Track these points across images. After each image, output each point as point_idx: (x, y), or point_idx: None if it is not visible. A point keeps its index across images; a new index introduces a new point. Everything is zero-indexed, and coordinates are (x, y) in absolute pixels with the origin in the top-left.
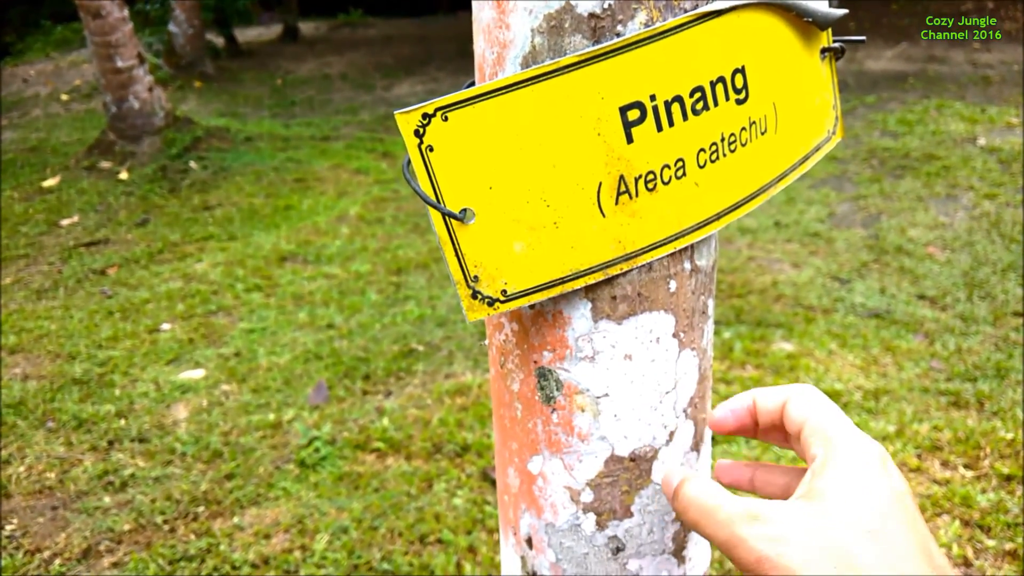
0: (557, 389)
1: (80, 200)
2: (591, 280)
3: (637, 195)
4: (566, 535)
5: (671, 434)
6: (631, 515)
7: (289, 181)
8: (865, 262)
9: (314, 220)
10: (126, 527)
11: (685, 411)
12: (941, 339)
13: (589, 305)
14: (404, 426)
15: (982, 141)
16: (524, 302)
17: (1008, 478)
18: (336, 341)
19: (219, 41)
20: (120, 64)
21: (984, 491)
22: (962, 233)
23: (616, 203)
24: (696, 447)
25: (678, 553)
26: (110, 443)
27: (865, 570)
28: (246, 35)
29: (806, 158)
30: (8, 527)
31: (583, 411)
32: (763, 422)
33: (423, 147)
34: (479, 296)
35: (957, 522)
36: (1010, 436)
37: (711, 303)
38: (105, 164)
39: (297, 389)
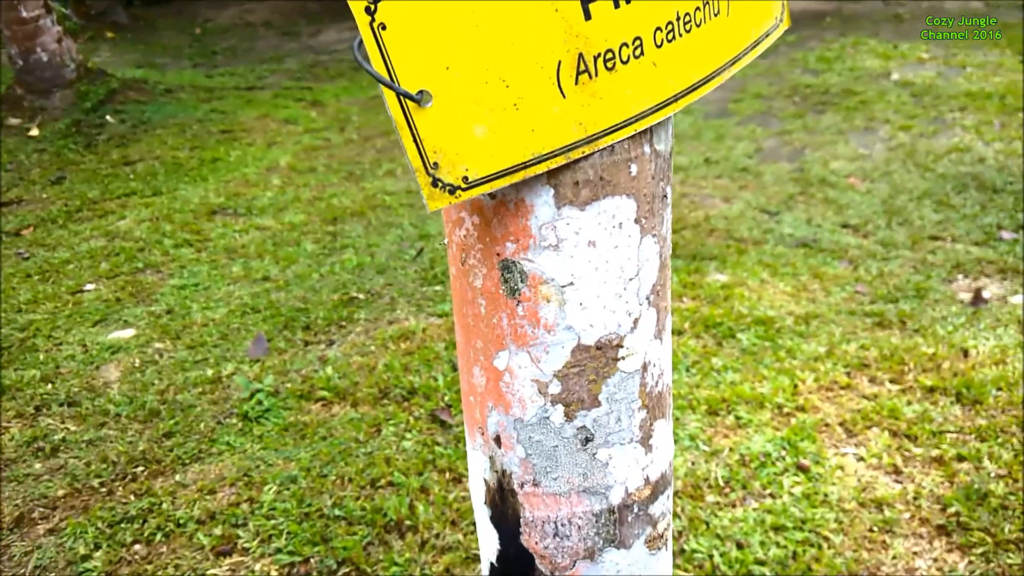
0: (522, 281)
1: None
2: (553, 164)
3: (596, 75)
4: (535, 429)
5: (635, 321)
6: (599, 404)
7: (215, 133)
8: (792, 194)
9: (243, 172)
10: (60, 493)
11: (648, 299)
12: (864, 264)
13: (552, 191)
14: (348, 374)
15: (896, 76)
16: (486, 189)
17: (931, 390)
18: (273, 293)
19: None
20: (25, 14)
21: (910, 403)
22: (880, 164)
23: (576, 83)
24: (659, 335)
25: (645, 442)
26: (37, 409)
27: None
28: None
29: (757, 43)
30: None
31: (548, 302)
32: None
33: (375, 25)
34: (440, 184)
35: (886, 433)
36: (931, 351)
37: (670, 190)
38: (14, 121)
39: (235, 343)
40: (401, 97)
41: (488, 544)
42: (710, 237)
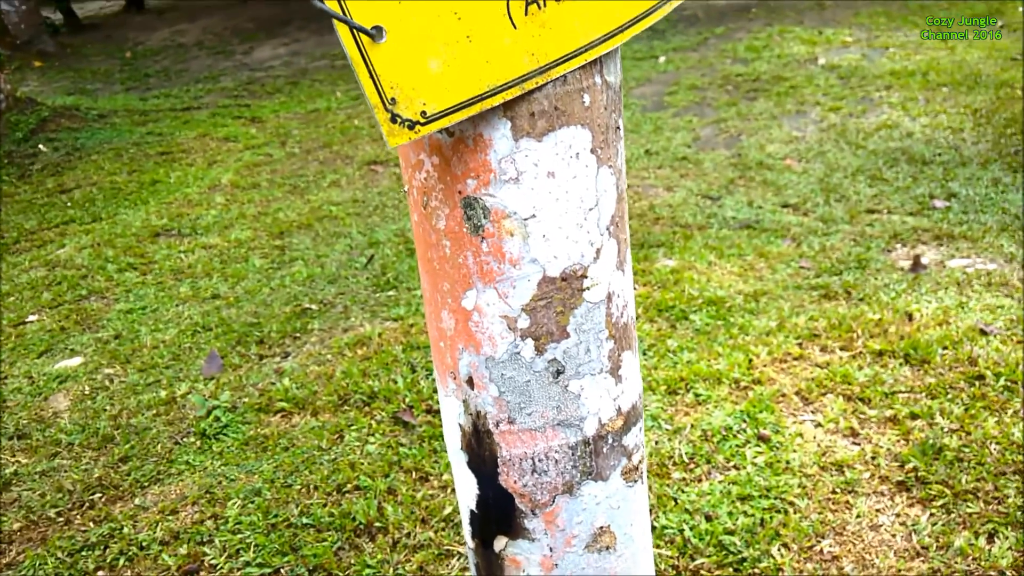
0: (485, 217)
1: None
2: (509, 96)
3: (545, 5)
4: (507, 366)
5: (598, 252)
6: (567, 336)
7: (153, 155)
8: (732, 179)
9: (185, 192)
10: (16, 526)
11: (608, 229)
12: (807, 241)
13: (509, 124)
14: (307, 383)
15: (822, 60)
16: (445, 123)
17: (880, 354)
18: (224, 310)
19: (57, 17)
20: None
21: (861, 368)
22: (814, 144)
23: (526, 14)
24: (621, 267)
25: (615, 372)
26: None
27: None
28: (86, 9)
29: None
30: None
31: (512, 235)
32: None
33: None
34: (398, 120)
35: (840, 398)
36: (877, 317)
37: (621, 122)
38: None
39: (188, 363)
40: (356, 32)
41: (466, 491)
42: (656, 225)
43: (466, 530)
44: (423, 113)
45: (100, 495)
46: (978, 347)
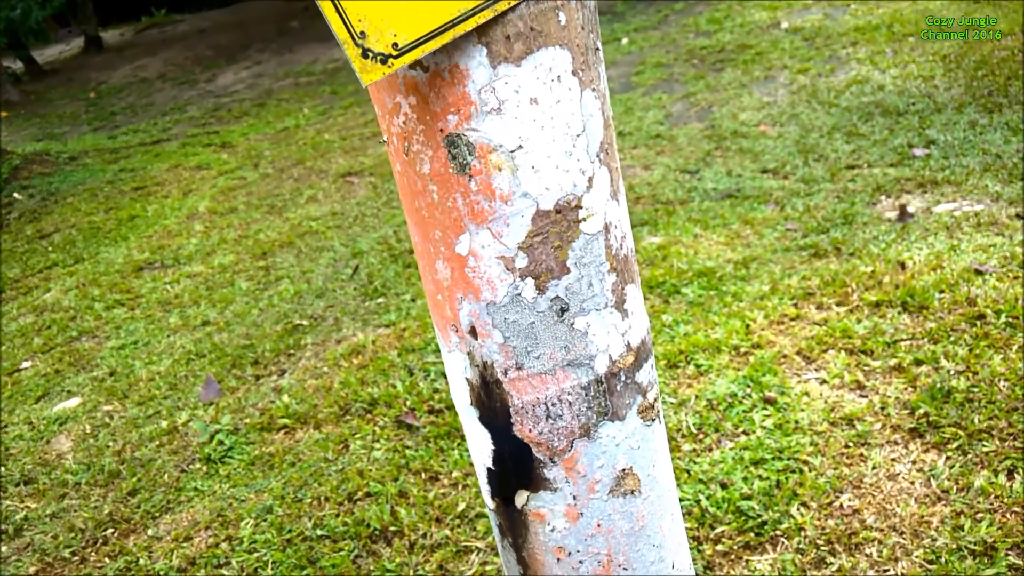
0: (470, 154)
1: None
2: (482, 19)
3: None
4: (509, 309)
5: (590, 180)
6: (568, 271)
7: (128, 191)
8: (708, 151)
9: (163, 224)
10: (31, 570)
11: (599, 156)
12: (790, 203)
13: (485, 51)
14: (306, 398)
15: (785, 24)
16: (418, 53)
17: (877, 304)
18: (215, 336)
19: (17, 66)
20: None
21: (859, 321)
22: (786, 108)
23: None
24: (615, 196)
25: (620, 307)
26: None
27: None
28: (46, 55)
29: None
30: None
31: (500, 170)
32: None
33: None
34: (370, 54)
35: (842, 353)
36: (870, 269)
37: (600, 44)
38: None
39: (185, 391)
40: None
41: (481, 448)
42: (637, 204)
43: (484, 490)
44: (395, 45)
45: (112, 530)
46: (975, 287)
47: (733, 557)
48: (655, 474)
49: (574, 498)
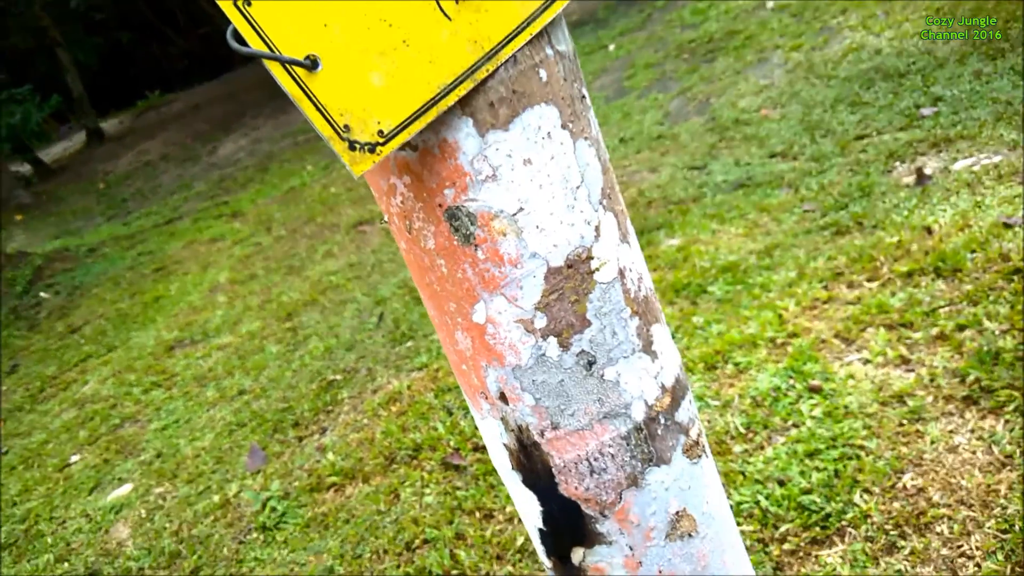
0: (472, 224)
1: None
2: (462, 91)
3: None
4: (536, 371)
5: (597, 229)
6: (589, 323)
7: (149, 274)
8: (713, 144)
9: (188, 301)
10: None
11: (601, 203)
12: (804, 184)
13: (471, 121)
14: (350, 453)
15: (771, 4)
16: (404, 137)
17: (909, 274)
18: (253, 403)
19: (26, 168)
20: None
21: (894, 294)
22: (785, 88)
23: (457, 2)
24: (625, 239)
25: (648, 349)
26: None
27: None
28: (51, 153)
29: None
30: None
31: (505, 235)
32: None
33: (240, 4)
34: (357, 146)
35: (881, 329)
36: (896, 240)
37: (585, 91)
38: None
39: (231, 463)
40: (290, 68)
41: (529, 510)
42: (649, 208)
43: (539, 550)
44: (380, 132)
45: None
46: (1006, 242)
47: (801, 555)
48: (710, 511)
49: (631, 548)
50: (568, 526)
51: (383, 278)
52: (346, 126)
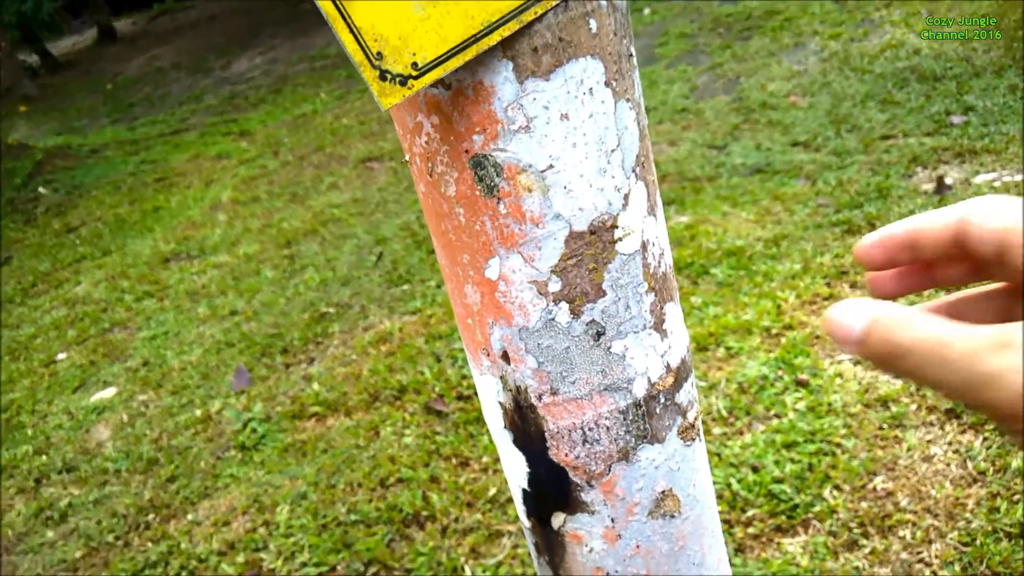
0: (497, 175)
1: None
2: (507, 31)
3: None
4: (542, 335)
5: (626, 197)
6: (604, 294)
7: (150, 183)
8: (736, 125)
9: (187, 215)
10: (78, 554)
11: (634, 171)
12: (822, 177)
13: (511, 65)
14: (336, 386)
15: None
16: (439, 72)
17: None
18: (244, 325)
19: (34, 59)
20: None
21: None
22: (817, 76)
23: None
24: (652, 211)
25: (659, 327)
26: (37, 481)
27: None
28: (60, 46)
29: None
30: None
31: (531, 192)
32: (931, 253)
33: None
34: (388, 76)
35: None
36: None
37: (633, 49)
38: None
39: (217, 380)
40: None
41: (515, 470)
42: (664, 183)
43: (520, 509)
44: (414, 65)
45: (154, 516)
46: None
47: (764, 540)
48: (695, 493)
49: (612, 520)
50: (553, 491)
51: (386, 218)
52: (379, 53)
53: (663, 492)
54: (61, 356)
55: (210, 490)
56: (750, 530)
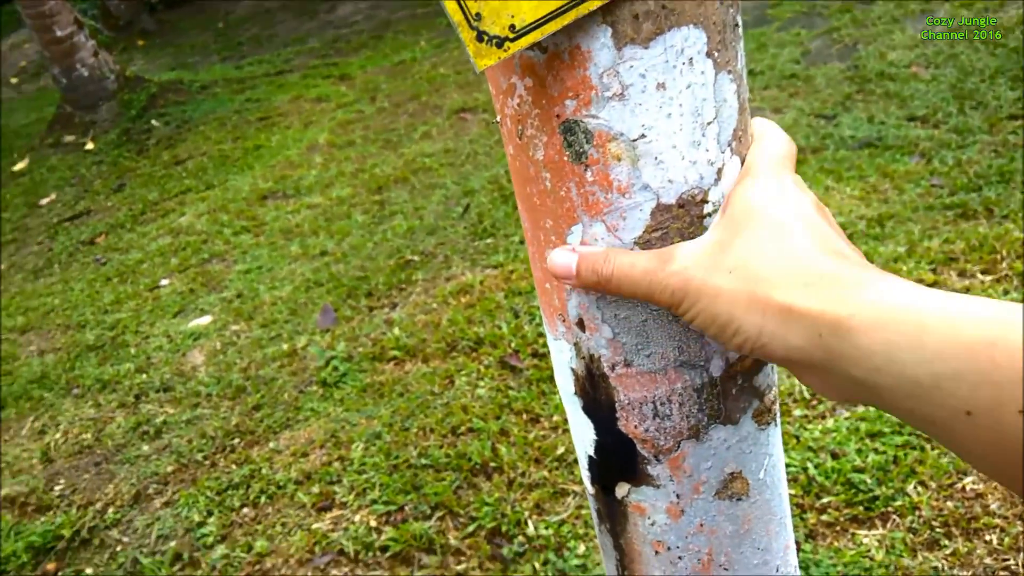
0: (587, 142)
1: (53, 177)
2: None
3: None
4: (621, 305)
5: (719, 172)
6: None
7: (253, 121)
8: (848, 94)
9: (286, 155)
10: (169, 469)
11: (730, 145)
12: (938, 156)
13: (609, 31)
14: (415, 332)
15: None
16: (537, 36)
17: None
18: (332, 266)
19: None
20: (60, 33)
21: (1006, 292)
22: (944, 47)
23: None
24: None
25: None
26: (136, 397)
27: (777, 260)
28: None
29: None
30: (57, 488)
31: (620, 161)
32: None
33: None
34: (485, 37)
35: None
36: None
37: (740, 18)
38: (69, 138)
39: (304, 317)
40: None
41: (582, 436)
42: None
43: (585, 475)
44: (512, 27)
45: (239, 440)
46: None
47: (838, 529)
48: (766, 478)
49: (677, 496)
50: (619, 461)
51: (475, 170)
52: (478, 14)
53: (732, 473)
54: (164, 282)
55: (291, 421)
56: (824, 517)
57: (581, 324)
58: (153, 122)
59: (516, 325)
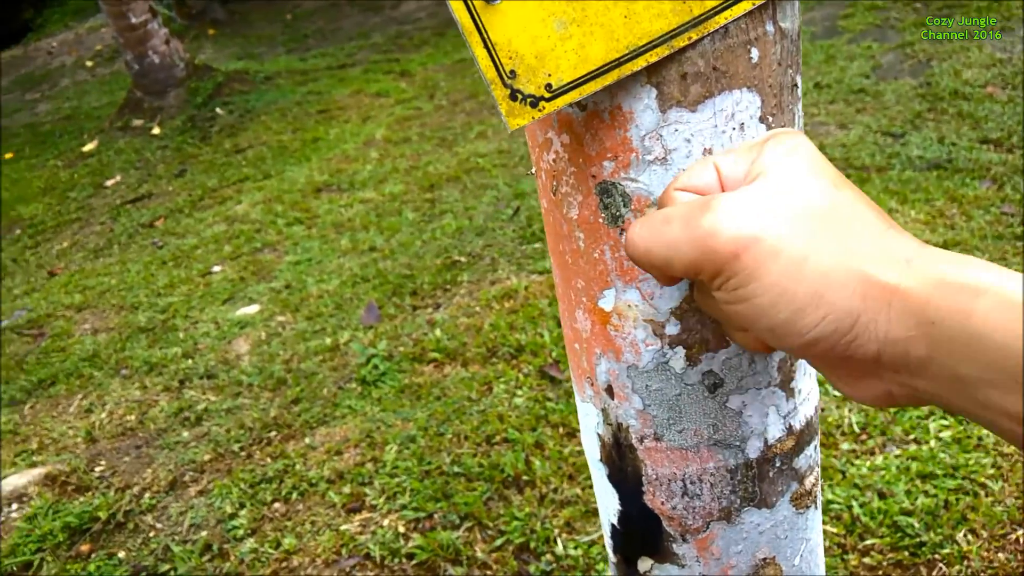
0: (624, 205)
1: (120, 160)
2: (654, 57)
3: None
4: (652, 376)
5: None
6: (727, 344)
7: (313, 114)
8: (919, 112)
9: (342, 148)
10: (206, 457)
11: None
12: (1011, 182)
13: (654, 92)
14: (457, 335)
15: None
16: (574, 96)
17: None
18: (380, 262)
19: None
20: (134, 20)
21: None
22: (1022, 67)
23: None
24: None
25: (785, 385)
26: (181, 382)
27: (825, 220)
28: None
29: None
30: (97, 469)
31: None
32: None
33: None
34: (519, 96)
35: None
36: None
37: (800, 79)
38: (137, 122)
39: (349, 312)
40: None
41: (607, 503)
42: None
43: (607, 543)
44: (548, 86)
45: (276, 433)
46: None
47: (881, 573)
48: (801, 565)
49: None
50: (643, 535)
51: (530, 175)
52: (512, 72)
53: (764, 559)
54: (216, 269)
55: (328, 418)
56: (866, 560)
57: (610, 391)
58: (217, 110)
59: (558, 335)
